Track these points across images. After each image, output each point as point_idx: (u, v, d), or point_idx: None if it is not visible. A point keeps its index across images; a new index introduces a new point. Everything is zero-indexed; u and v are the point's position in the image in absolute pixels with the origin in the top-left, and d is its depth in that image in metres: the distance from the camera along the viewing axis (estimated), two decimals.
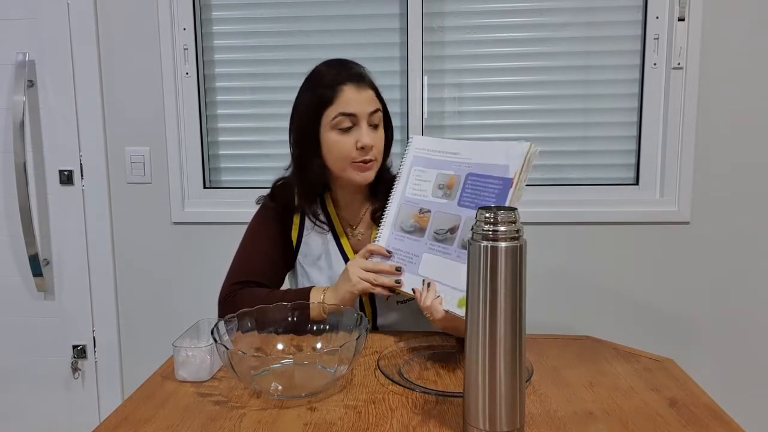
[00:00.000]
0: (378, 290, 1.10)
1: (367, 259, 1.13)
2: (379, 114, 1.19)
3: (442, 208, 1.08)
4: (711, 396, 0.91)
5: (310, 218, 1.26)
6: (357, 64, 1.22)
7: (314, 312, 1.11)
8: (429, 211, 1.09)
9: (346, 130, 1.16)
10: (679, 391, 0.93)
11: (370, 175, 1.20)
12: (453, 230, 1.05)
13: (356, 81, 1.16)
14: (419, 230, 1.09)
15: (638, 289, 1.87)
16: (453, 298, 1.00)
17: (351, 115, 1.15)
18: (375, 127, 1.19)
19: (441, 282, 1.03)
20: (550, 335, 1.17)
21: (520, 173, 0.99)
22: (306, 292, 1.17)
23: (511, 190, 0.99)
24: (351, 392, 0.93)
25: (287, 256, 1.29)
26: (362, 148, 1.16)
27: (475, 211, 1.01)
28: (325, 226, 1.27)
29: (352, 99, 1.15)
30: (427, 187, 1.11)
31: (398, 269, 1.09)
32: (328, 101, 1.16)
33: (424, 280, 1.05)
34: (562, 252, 1.87)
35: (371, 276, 1.10)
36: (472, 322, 0.76)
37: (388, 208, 1.16)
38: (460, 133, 1.91)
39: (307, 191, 1.24)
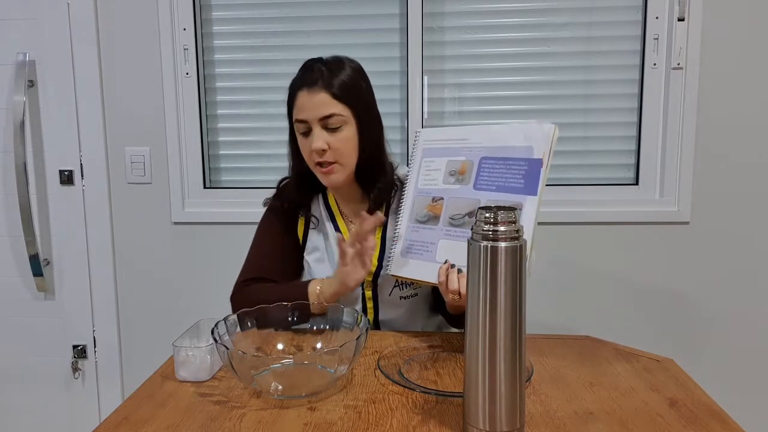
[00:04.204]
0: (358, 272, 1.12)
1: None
2: (337, 117, 1.16)
3: (456, 193, 1.08)
4: (711, 396, 0.91)
5: (308, 215, 1.29)
6: (322, 67, 1.19)
7: (314, 308, 1.13)
8: (441, 199, 1.10)
9: (306, 134, 1.19)
10: (679, 391, 0.93)
11: (334, 179, 1.20)
12: (471, 214, 1.05)
13: (309, 86, 1.17)
14: (433, 218, 1.10)
15: (638, 289, 1.87)
16: None
17: (303, 122, 1.18)
18: (333, 130, 1.17)
19: (462, 267, 1.02)
20: (550, 335, 1.17)
21: (549, 154, 0.99)
22: (302, 287, 1.19)
23: (542, 170, 0.99)
24: (351, 392, 0.93)
25: (295, 254, 1.31)
26: (314, 151, 1.17)
27: (496, 193, 1.02)
28: (315, 220, 1.29)
29: (303, 105, 1.17)
30: (437, 176, 1.12)
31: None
32: (290, 107, 1.21)
33: (446, 261, 1.05)
34: (562, 252, 1.87)
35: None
36: (472, 322, 0.76)
37: (403, 204, 1.17)
38: None
39: (301, 185, 1.27)
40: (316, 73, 1.18)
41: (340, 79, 1.18)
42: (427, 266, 1.08)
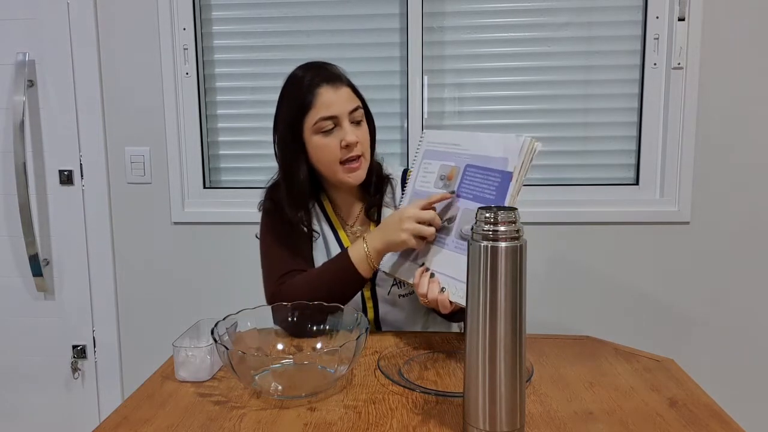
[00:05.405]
0: (412, 242, 1.05)
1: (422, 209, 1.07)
2: (360, 111, 1.20)
3: None
4: (711, 396, 0.91)
5: (302, 225, 1.25)
6: (332, 65, 1.22)
7: (362, 267, 1.10)
8: None
9: (329, 132, 1.17)
10: (679, 391, 0.93)
11: (360, 175, 1.21)
12: (450, 220, 1.05)
13: (332, 81, 1.17)
14: None
15: (638, 289, 1.87)
16: (457, 290, 1.00)
17: (332, 118, 1.16)
18: (358, 123, 1.20)
19: (441, 272, 1.03)
20: (550, 335, 1.17)
21: (521, 168, 0.99)
22: (343, 255, 1.14)
23: (512, 184, 0.99)
24: (351, 392, 0.93)
25: (308, 244, 1.28)
26: (347, 146, 1.17)
27: (472, 202, 1.02)
28: (316, 233, 1.27)
29: (330, 101, 1.16)
30: (431, 179, 1.12)
31: (452, 192, 1.06)
32: (307, 106, 1.16)
33: (423, 264, 1.05)
34: (562, 252, 1.87)
35: (423, 227, 1.04)
36: (472, 322, 0.76)
37: (401, 203, 1.17)
38: None
39: (296, 199, 1.23)
40: (331, 70, 1.19)
41: (348, 77, 1.21)
42: (411, 266, 1.09)
